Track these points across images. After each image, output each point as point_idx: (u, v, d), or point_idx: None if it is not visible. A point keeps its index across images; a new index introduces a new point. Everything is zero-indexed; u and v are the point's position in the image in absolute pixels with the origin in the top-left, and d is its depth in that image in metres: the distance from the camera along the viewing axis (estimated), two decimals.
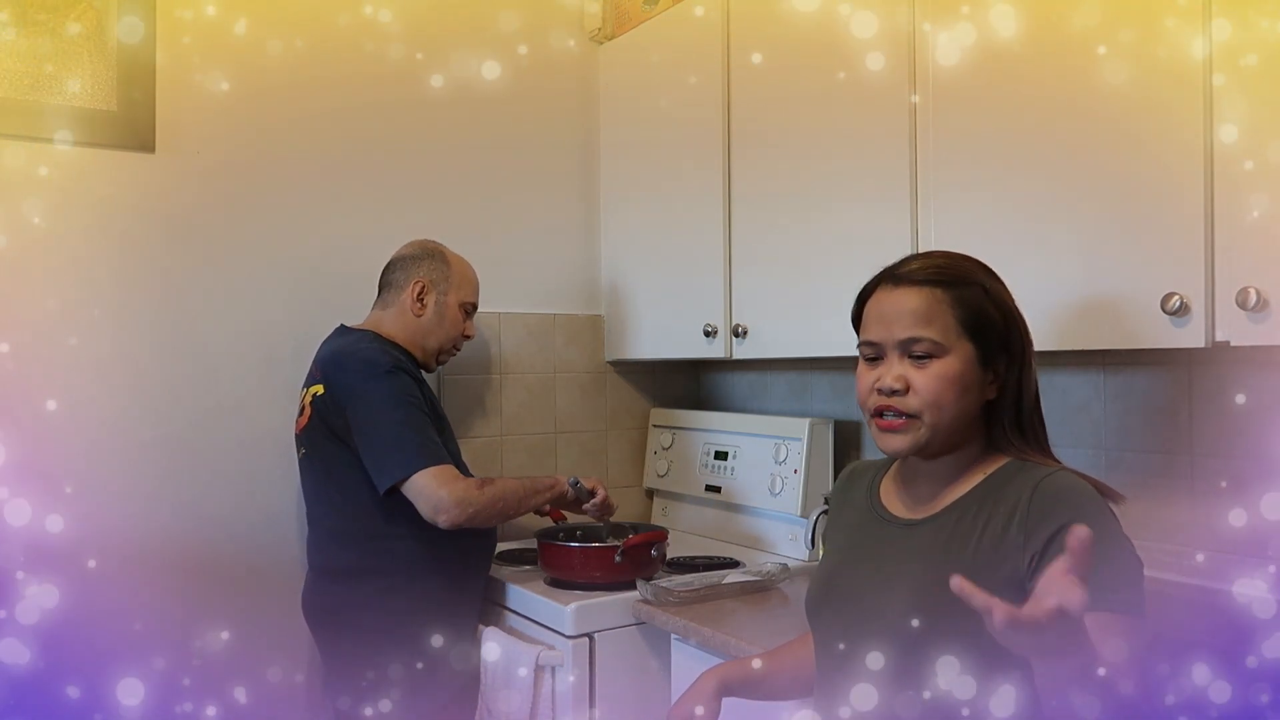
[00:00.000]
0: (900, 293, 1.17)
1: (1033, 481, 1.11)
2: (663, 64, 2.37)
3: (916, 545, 1.17)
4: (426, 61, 2.34)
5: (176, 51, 2.09)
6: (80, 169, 2.00)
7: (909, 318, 1.16)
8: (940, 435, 1.16)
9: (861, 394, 1.21)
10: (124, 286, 2.06)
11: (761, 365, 2.55)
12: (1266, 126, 1.27)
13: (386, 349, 1.96)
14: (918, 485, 1.23)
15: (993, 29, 1.59)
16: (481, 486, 1.86)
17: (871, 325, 1.20)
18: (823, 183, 1.92)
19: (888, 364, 1.18)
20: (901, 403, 1.15)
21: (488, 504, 1.86)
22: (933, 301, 1.16)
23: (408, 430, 1.85)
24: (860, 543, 1.26)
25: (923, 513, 1.20)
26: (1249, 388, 1.55)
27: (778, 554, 2.24)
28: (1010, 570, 1.07)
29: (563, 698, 1.83)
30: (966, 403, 1.16)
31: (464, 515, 1.82)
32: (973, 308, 1.16)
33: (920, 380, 1.15)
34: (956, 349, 1.15)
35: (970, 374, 1.15)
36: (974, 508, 1.15)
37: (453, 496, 1.82)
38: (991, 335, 1.17)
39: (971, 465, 1.19)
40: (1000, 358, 1.17)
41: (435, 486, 1.82)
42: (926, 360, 1.15)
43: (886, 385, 1.16)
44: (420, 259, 2.10)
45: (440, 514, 1.82)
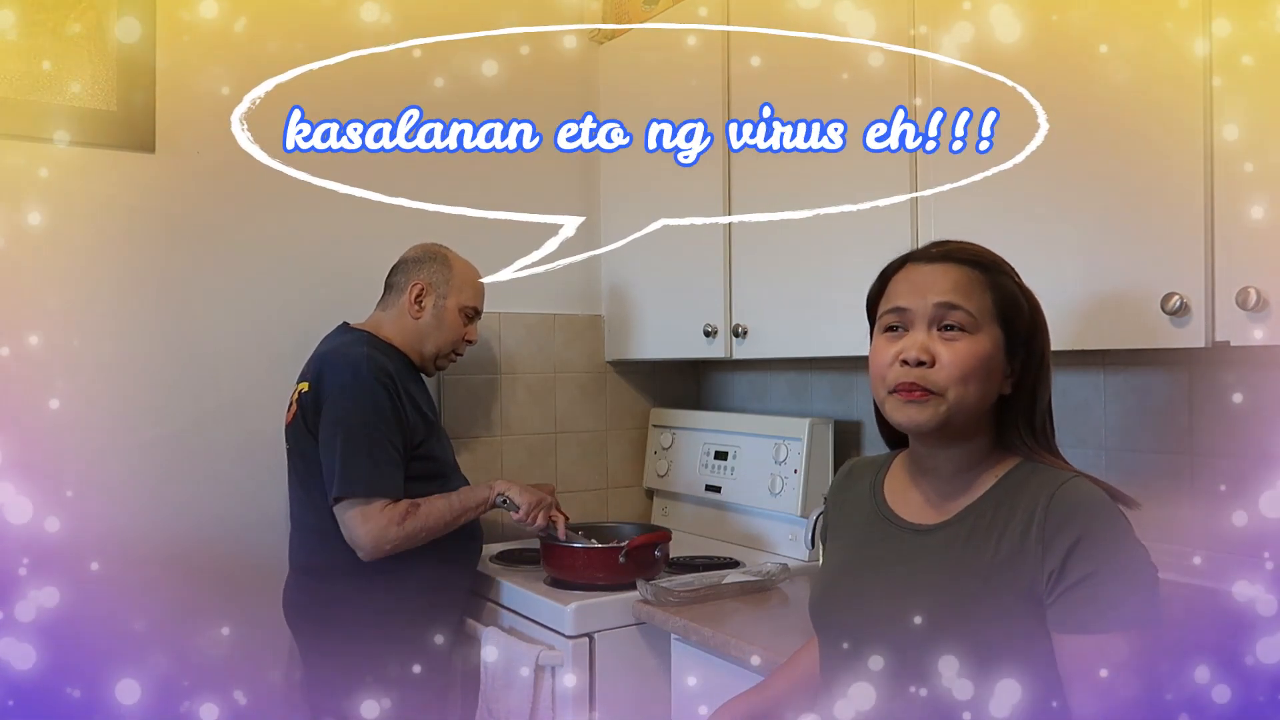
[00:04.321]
0: (937, 267, 1.14)
1: (1049, 489, 1.08)
2: (663, 64, 2.37)
3: (930, 553, 1.14)
4: (427, 61, 2.34)
5: (176, 51, 2.09)
6: (80, 169, 2.00)
7: (948, 285, 1.12)
8: (960, 417, 1.11)
9: (880, 367, 1.14)
10: (124, 286, 2.06)
11: (761, 365, 2.55)
12: (1266, 126, 1.27)
13: (378, 354, 1.95)
14: (925, 486, 1.20)
15: (993, 29, 1.59)
16: (403, 520, 1.85)
17: (900, 293, 1.15)
18: (823, 183, 1.92)
19: (912, 335, 1.12)
20: (924, 376, 1.10)
21: (406, 538, 1.86)
22: (971, 279, 1.13)
23: (361, 450, 1.85)
24: (867, 546, 1.22)
25: (933, 518, 1.17)
26: (1249, 388, 1.55)
27: (778, 554, 2.24)
28: (1029, 583, 1.05)
29: (563, 698, 1.83)
30: (988, 390, 1.12)
31: (379, 553, 1.85)
32: (1007, 294, 1.14)
33: (947, 354, 1.10)
34: (987, 330, 1.12)
35: (996, 360, 1.12)
36: (988, 514, 1.12)
37: (368, 537, 1.83)
38: (1019, 326, 1.14)
39: (981, 464, 1.16)
40: (1021, 352, 1.15)
41: (356, 523, 1.84)
42: (956, 334, 1.11)
43: (912, 356, 1.10)
44: (422, 262, 2.10)
45: (357, 549, 1.86)
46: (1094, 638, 1.02)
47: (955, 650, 1.04)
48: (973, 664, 1.03)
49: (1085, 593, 1.02)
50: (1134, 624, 1.02)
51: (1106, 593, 1.02)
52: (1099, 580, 1.02)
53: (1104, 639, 1.01)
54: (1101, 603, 1.02)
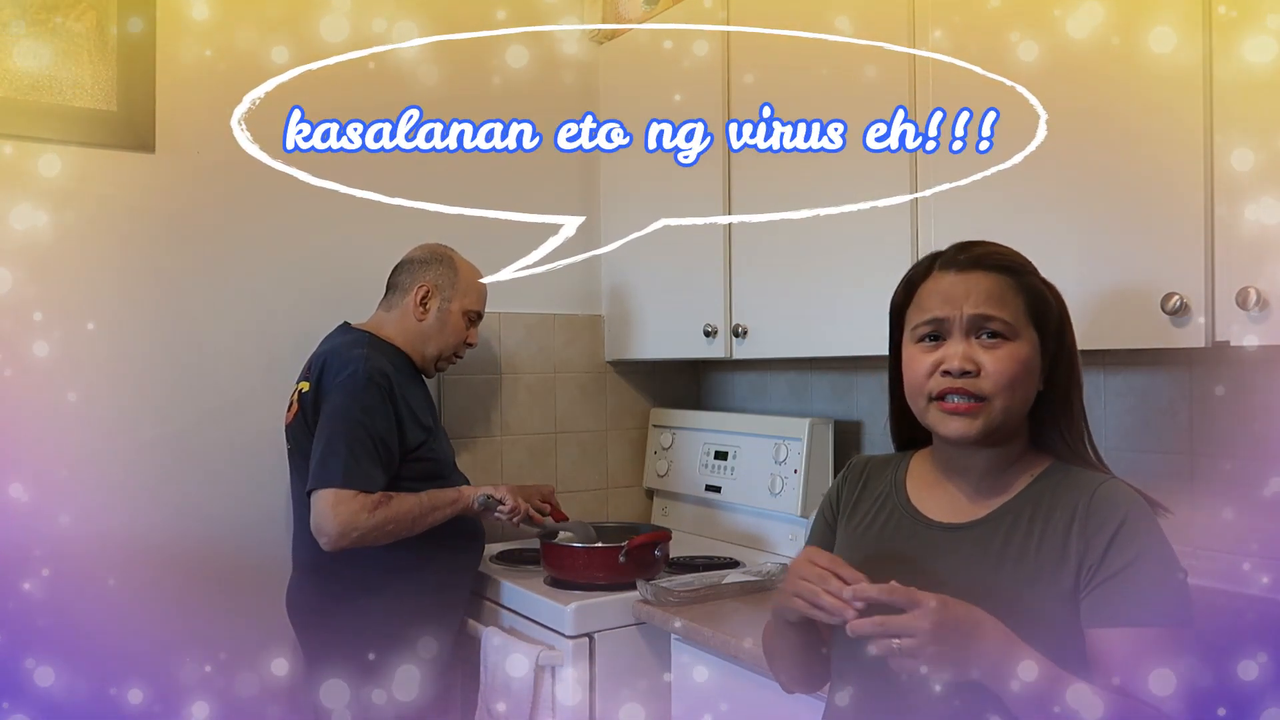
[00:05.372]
0: (969, 276, 1.13)
1: (1089, 489, 1.08)
2: (663, 64, 2.37)
3: (964, 551, 1.12)
4: (427, 61, 2.34)
5: (176, 52, 2.09)
6: (80, 169, 2.00)
7: (982, 296, 1.11)
8: (1008, 423, 1.11)
9: (918, 378, 1.13)
10: (124, 286, 2.06)
11: (761, 365, 2.55)
12: (1266, 127, 1.27)
13: (377, 354, 1.95)
14: (956, 485, 1.17)
15: (992, 29, 1.59)
16: (374, 509, 1.83)
17: (932, 303, 1.14)
18: (823, 183, 1.92)
19: (951, 344, 1.11)
20: (973, 385, 1.09)
21: (375, 527, 1.83)
22: (1004, 285, 1.12)
23: (340, 445, 1.84)
24: (891, 543, 1.19)
25: (966, 516, 1.15)
26: (1249, 388, 1.55)
27: (778, 554, 2.24)
28: (1072, 583, 1.05)
29: (563, 698, 1.83)
30: (1029, 392, 1.12)
31: (346, 540, 1.81)
32: (1037, 296, 1.14)
33: (991, 362, 1.09)
34: (1025, 335, 1.11)
35: (1035, 362, 1.12)
36: (1026, 513, 1.11)
37: (337, 520, 1.80)
38: (1050, 326, 1.14)
39: (1015, 464, 1.15)
40: (1052, 348, 1.14)
41: (326, 509, 1.81)
42: (998, 341, 1.10)
43: (955, 366, 1.09)
44: (428, 263, 2.10)
45: (321, 535, 1.82)
46: (1130, 631, 1.02)
47: None
48: None
49: (1120, 585, 1.02)
50: (1168, 620, 1.02)
51: (1143, 585, 1.02)
52: (1133, 574, 1.02)
53: (1141, 632, 1.01)
54: (1138, 595, 1.02)
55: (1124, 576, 1.03)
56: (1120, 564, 1.03)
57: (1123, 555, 1.03)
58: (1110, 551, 1.03)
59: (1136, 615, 1.02)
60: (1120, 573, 1.03)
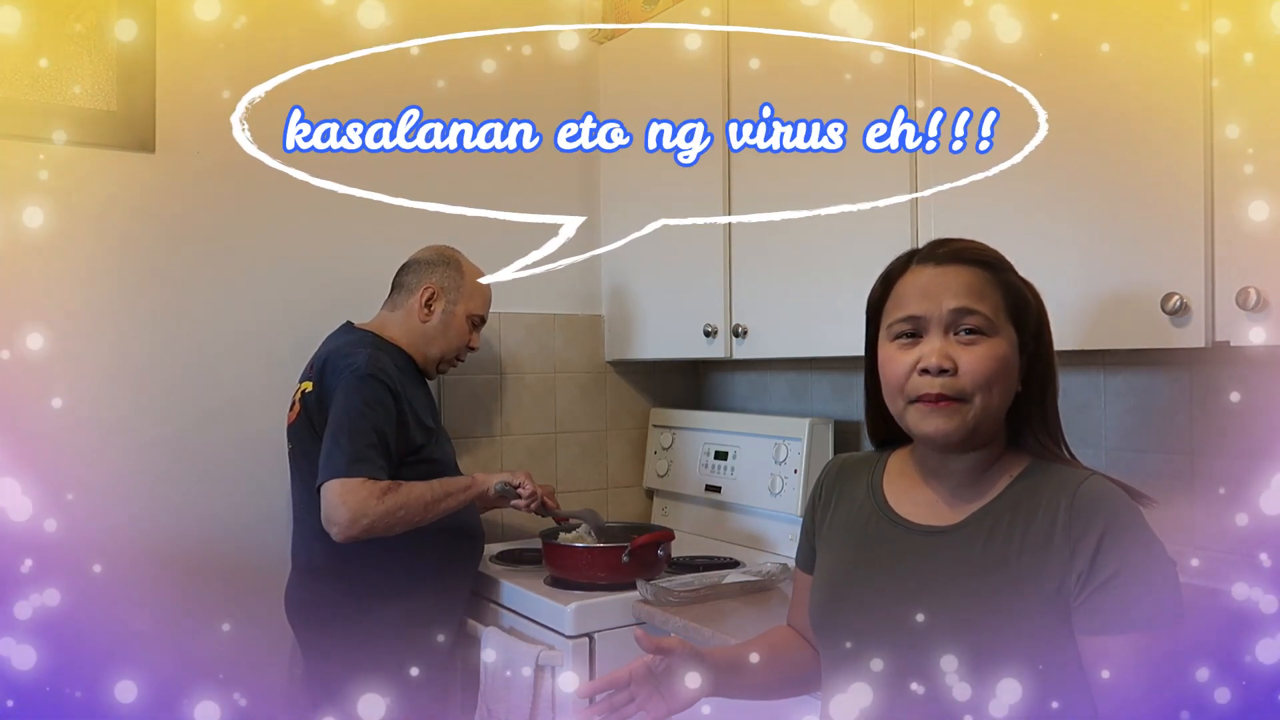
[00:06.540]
0: (946, 269, 1.11)
1: (1069, 488, 1.06)
2: (663, 64, 2.37)
3: (946, 554, 1.10)
4: (427, 61, 2.34)
5: (176, 51, 2.09)
6: (80, 169, 2.00)
7: (961, 290, 1.09)
8: (985, 422, 1.08)
9: (896, 377, 1.10)
10: (124, 286, 2.06)
11: (761, 365, 2.55)
12: (1266, 126, 1.28)
13: (381, 354, 1.95)
14: (935, 488, 1.16)
15: (993, 29, 1.59)
16: (383, 495, 1.80)
17: (910, 300, 1.11)
18: (823, 183, 1.92)
19: (928, 342, 1.09)
20: (950, 384, 1.06)
21: (385, 513, 1.80)
22: (983, 280, 1.10)
23: (344, 437, 1.83)
24: (870, 548, 1.17)
25: (946, 519, 1.13)
26: (1249, 388, 1.55)
27: (778, 554, 2.24)
28: (1057, 584, 1.04)
29: (563, 698, 1.83)
30: (1008, 392, 1.10)
31: (357, 529, 1.79)
32: (1016, 293, 1.12)
33: (968, 360, 1.07)
34: (1004, 331, 1.09)
35: (1013, 361, 1.10)
36: (1006, 515, 1.09)
37: (346, 508, 1.78)
38: (1028, 324, 1.13)
39: (993, 465, 1.13)
40: (1030, 346, 1.13)
41: (336, 498, 1.79)
42: (976, 338, 1.08)
43: (933, 364, 1.07)
44: (435, 265, 2.09)
45: (332, 526, 1.80)
46: (1123, 638, 1.01)
47: (974, 649, 1.03)
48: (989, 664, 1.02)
49: (1112, 592, 1.02)
50: (1160, 621, 1.02)
51: (1133, 591, 1.01)
52: (1125, 579, 1.02)
53: (1134, 638, 1.01)
54: (1129, 601, 1.01)
55: (1115, 583, 1.02)
56: (1110, 570, 1.02)
57: (1112, 561, 1.02)
58: (1099, 557, 1.02)
59: (1129, 621, 1.01)
60: (1111, 579, 1.02)
